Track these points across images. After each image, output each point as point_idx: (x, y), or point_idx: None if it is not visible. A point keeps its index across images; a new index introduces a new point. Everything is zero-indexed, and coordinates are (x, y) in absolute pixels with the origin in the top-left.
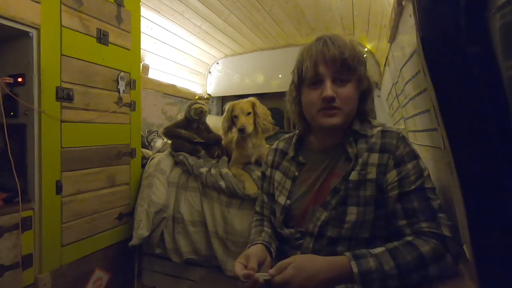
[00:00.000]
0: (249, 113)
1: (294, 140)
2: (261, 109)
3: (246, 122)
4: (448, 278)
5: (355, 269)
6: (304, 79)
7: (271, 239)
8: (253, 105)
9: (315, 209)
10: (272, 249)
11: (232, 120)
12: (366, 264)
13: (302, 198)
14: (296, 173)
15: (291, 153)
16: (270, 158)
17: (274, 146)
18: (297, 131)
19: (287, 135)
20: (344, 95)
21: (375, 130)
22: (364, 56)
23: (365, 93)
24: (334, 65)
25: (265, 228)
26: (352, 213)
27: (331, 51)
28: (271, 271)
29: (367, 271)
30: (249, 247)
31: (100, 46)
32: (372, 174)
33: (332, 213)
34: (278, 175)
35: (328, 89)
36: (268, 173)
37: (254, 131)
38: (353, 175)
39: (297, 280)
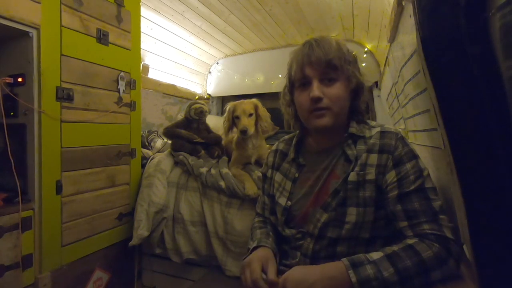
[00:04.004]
0: (251, 114)
1: (294, 141)
2: (263, 111)
3: (248, 123)
4: (448, 279)
5: (353, 279)
6: (294, 81)
7: (276, 245)
8: (256, 107)
9: (315, 210)
10: (277, 258)
11: (233, 121)
12: (364, 272)
13: (302, 200)
14: (296, 175)
15: (291, 155)
16: (271, 159)
17: (274, 147)
18: (297, 132)
19: (287, 136)
20: (332, 94)
21: (373, 131)
22: (353, 55)
23: (357, 92)
24: (319, 66)
25: (270, 233)
26: (351, 214)
27: (316, 52)
28: None
29: (366, 279)
30: (258, 247)
31: (100, 46)
32: (371, 174)
33: (332, 214)
34: (278, 177)
35: (315, 89)
36: (268, 174)
37: (255, 132)
38: (352, 176)
39: (292, 279)
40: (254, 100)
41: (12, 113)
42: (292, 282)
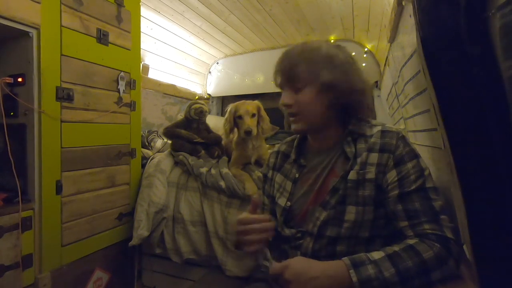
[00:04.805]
0: (253, 115)
1: (295, 143)
2: (265, 113)
3: (252, 124)
4: (448, 279)
5: (354, 278)
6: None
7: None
8: (258, 108)
9: (314, 209)
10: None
11: (234, 122)
12: (365, 271)
13: (302, 199)
14: (297, 175)
15: (292, 156)
16: (272, 160)
17: (276, 148)
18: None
19: (289, 138)
20: (300, 101)
21: (374, 130)
22: (335, 59)
23: (345, 95)
24: (284, 76)
25: None
26: (351, 212)
27: (283, 63)
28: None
29: (367, 279)
30: None
31: (100, 46)
32: (371, 173)
33: (331, 212)
34: (279, 178)
35: (282, 97)
36: (269, 175)
37: (256, 133)
38: (352, 175)
39: (293, 268)
40: (256, 101)
41: (12, 113)
42: (292, 271)
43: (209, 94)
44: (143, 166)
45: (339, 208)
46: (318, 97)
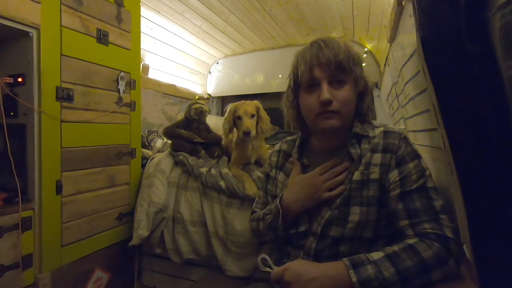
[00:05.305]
0: (253, 116)
1: (297, 142)
2: (264, 113)
3: (251, 125)
4: (448, 278)
5: (354, 279)
6: (301, 83)
7: None
8: (257, 108)
9: (321, 209)
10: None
11: (233, 122)
12: (365, 272)
13: None
14: None
15: (295, 156)
16: (274, 159)
17: (277, 147)
18: (300, 133)
19: (289, 138)
20: (341, 97)
21: (377, 131)
22: (359, 57)
23: (363, 94)
24: (329, 68)
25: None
26: (355, 213)
27: (325, 54)
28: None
29: (366, 279)
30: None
31: (100, 46)
32: (375, 174)
33: (335, 212)
34: (281, 177)
35: (325, 92)
36: (272, 174)
37: (255, 134)
38: (356, 175)
39: (292, 270)
40: (255, 101)
41: (12, 113)
42: (292, 273)
43: (209, 94)
44: (143, 166)
45: (344, 209)
46: (354, 94)
